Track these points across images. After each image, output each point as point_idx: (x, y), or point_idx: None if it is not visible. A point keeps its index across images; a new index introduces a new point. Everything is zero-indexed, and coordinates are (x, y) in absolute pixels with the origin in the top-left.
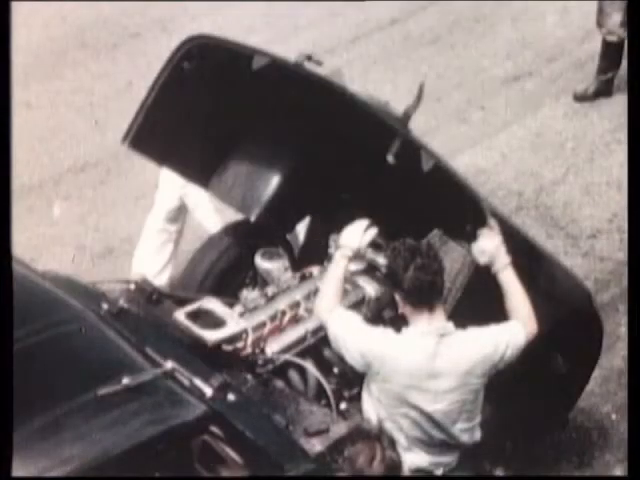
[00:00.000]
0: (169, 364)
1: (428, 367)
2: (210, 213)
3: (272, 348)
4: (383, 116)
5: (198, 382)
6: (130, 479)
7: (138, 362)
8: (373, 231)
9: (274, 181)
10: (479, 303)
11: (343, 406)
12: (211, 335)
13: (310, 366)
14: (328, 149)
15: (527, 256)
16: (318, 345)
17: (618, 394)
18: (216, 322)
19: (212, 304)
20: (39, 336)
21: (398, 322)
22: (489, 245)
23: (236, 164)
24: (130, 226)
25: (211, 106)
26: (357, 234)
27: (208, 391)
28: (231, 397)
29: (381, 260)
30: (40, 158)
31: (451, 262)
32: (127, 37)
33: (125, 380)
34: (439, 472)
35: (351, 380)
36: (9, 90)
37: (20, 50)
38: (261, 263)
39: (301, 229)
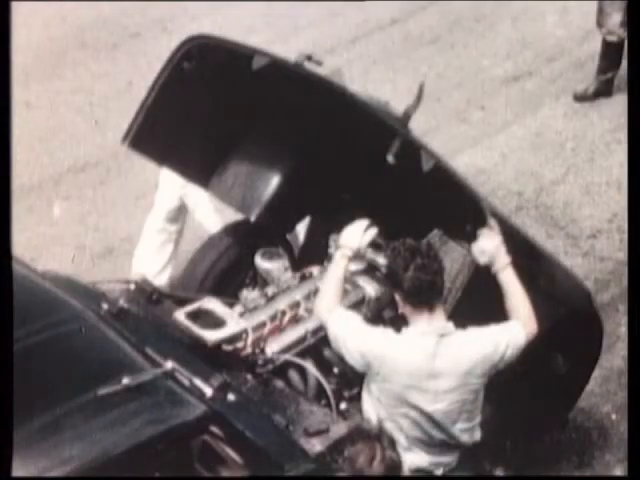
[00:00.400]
0: (169, 364)
1: (428, 367)
2: (210, 213)
3: (272, 348)
4: (383, 116)
5: (198, 382)
6: (130, 479)
7: (138, 362)
8: (373, 231)
9: (274, 181)
10: (479, 303)
11: (343, 406)
12: (211, 335)
13: (310, 366)
14: (328, 149)
15: (527, 256)
16: (318, 345)
17: (618, 394)
18: (216, 322)
19: (212, 304)
20: (39, 336)
21: (398, 322)
22: (489, 245)
23: (236, 164)
24: (130, 226)
25: (211, 106)
26: (357, 234)
27: (208, 391)
28: (231, 397)
29: (381, 260)
30: (40, 158)
31: (451, 262)
32: (127, 37)
33: (125, 380)
34: (439, 472)
35: (351, 380)
36: (9, 90)
37: (20, 50)
38: (261, 263)
39: (301, 229)
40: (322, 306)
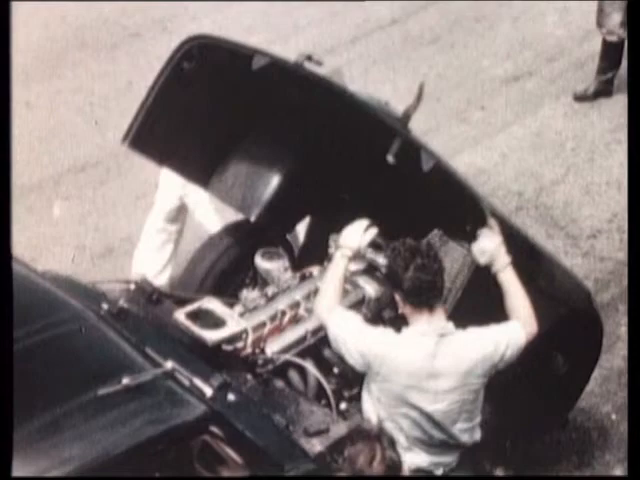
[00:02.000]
0: (169, 364)
1: (428, 367)
2: (210, 213)
3: (272, 348)
4: (383, 116)
5: (198, 382)
6: (130, 479)
7: (138, 362)
8: (373, 231)
9: (274, 181)
10: (479, 303)
11: (343, 406)
12: (211, 335)
13: (310, 366)
14: (328, 149)
15: (527, 256)
16: (318, 345)
17: (618, 394)
18: (216, 322)
19: (212, 304)
20: (39, 336)
21: (398, 322)
22: (489, 245)
23: (236, 164)
24: (130, 226)
25: (211, 106)
26: (357, 234)
27: (208, 391)
28: (231, 397)
29: (381, 260)
30: (40, 158)
31: (451, 262)
32: (127, 37)
33: (125, 380)
34: (439, 472)
35: (351, 380)
36: (9, 90)
37: (20, 50)
38: (261, 263)
39: (301, 229)
40: (322, 306)
